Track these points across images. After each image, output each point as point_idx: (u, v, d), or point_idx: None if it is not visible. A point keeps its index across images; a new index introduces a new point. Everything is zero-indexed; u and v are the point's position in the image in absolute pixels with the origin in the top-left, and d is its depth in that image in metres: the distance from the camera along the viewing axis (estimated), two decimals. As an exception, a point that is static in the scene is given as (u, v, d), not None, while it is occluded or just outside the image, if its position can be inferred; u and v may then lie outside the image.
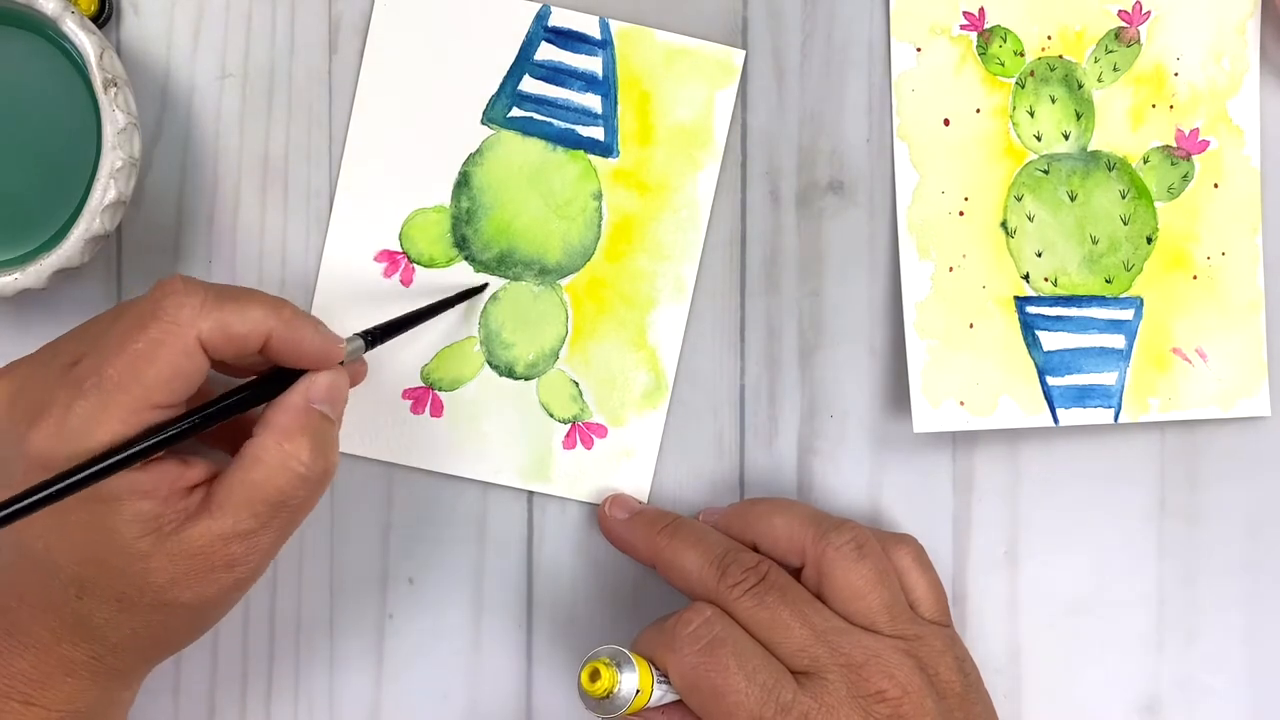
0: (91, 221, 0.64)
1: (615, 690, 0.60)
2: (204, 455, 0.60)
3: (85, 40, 0.63)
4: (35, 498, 0.53)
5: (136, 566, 0.57)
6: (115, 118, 0.63)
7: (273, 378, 0.60)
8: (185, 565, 0.57)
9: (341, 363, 0.61)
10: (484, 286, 0.70)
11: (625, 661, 0.61)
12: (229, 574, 0.58)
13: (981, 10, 0.70)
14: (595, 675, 0.60)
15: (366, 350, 0.63)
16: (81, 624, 0.58)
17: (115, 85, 0.63)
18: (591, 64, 0.70)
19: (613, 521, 0.69)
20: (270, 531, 0.59)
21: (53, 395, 0.56)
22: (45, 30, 0.64)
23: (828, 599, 0.65)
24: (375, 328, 0.64)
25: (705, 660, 0.61)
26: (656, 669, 0.62)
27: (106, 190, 0.63)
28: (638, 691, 0.60)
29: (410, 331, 0.69)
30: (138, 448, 0.56)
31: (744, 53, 0.70)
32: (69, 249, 0.64)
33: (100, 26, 0.67)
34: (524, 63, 0.70)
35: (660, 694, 0.62)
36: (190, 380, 0.57)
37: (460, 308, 0.70)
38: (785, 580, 0.64)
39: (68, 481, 0.54)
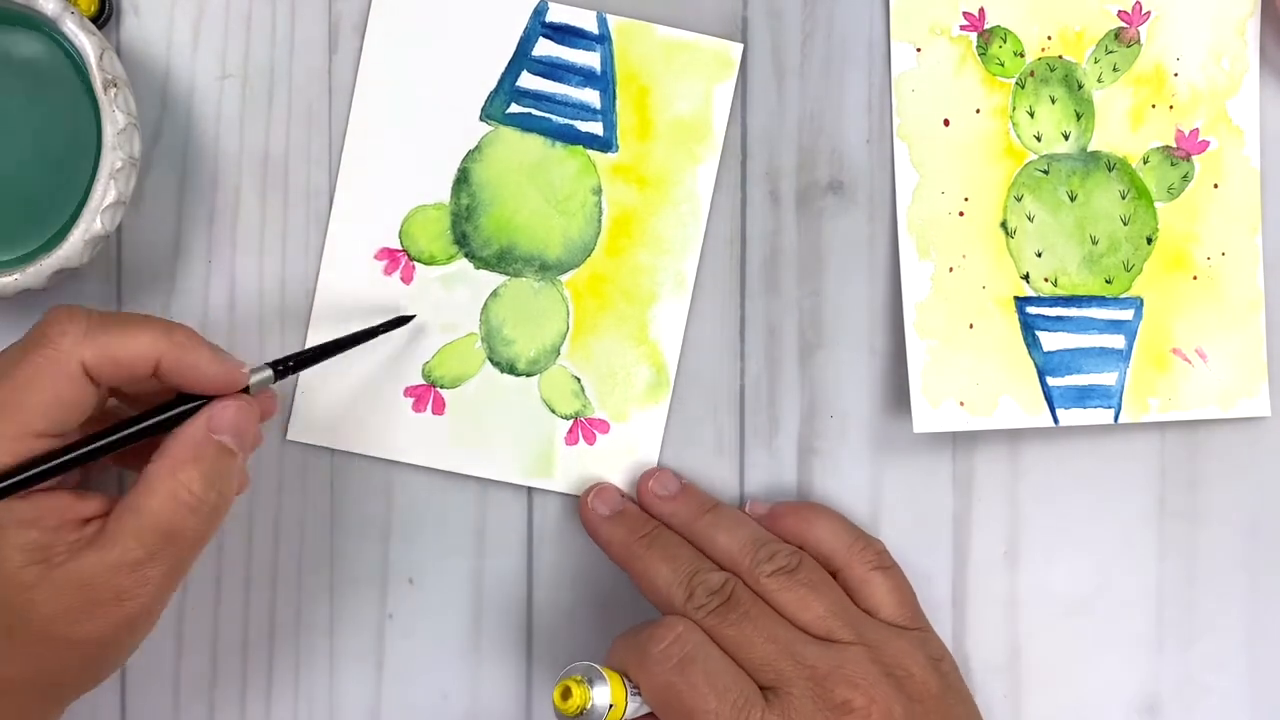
0: (91, 221, 0.64)
1: (588, 707, 0.60)
2: (103, 489, 0.60)
3: (85, 40, 0.63)
4: None
5: (21, 598, 0.56)
6: (115, 118, 0.63)
7: (179, 405, 0.60)
8: (72, 597, 0.56)
9: (249, 390, 0.61)
10: (411, 317, 0.69)
11: (597, 677, 0.61)
12: (118, 608, 0.57)
13: (981, 10, 0.70)
14: (567, 693, 0.60)
15: (276, 380, 0.62)
16: None
17: (115, 85, 0.64)
18: (590, 59, 0.70)
19: (593, 516, 0.69)
20: (159, 563, 0.57)
21: None
22: (45, 30, 0.64)
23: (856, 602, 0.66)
24: (288, 357, 0.63)
25: (676, 679, 0.61)
26: (629, 681, 0.62)
27: (106, 190, 0.63)
28: (611, 706, 0.61)
29: (410, 330, 0.69)
30: (14, 480, 0.55)
31: (742, 46, 0.70)
32: (69, 249, 0.64)
33: (100, 27, 0.67)
34: (522, 58, 0.70)
35: (634, 706, 0.62)
36: (74, 409, 0.57)
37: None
38: (749, 599, 0.64)
39: None
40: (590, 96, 0.70)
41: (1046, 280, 0.71)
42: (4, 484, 0.55)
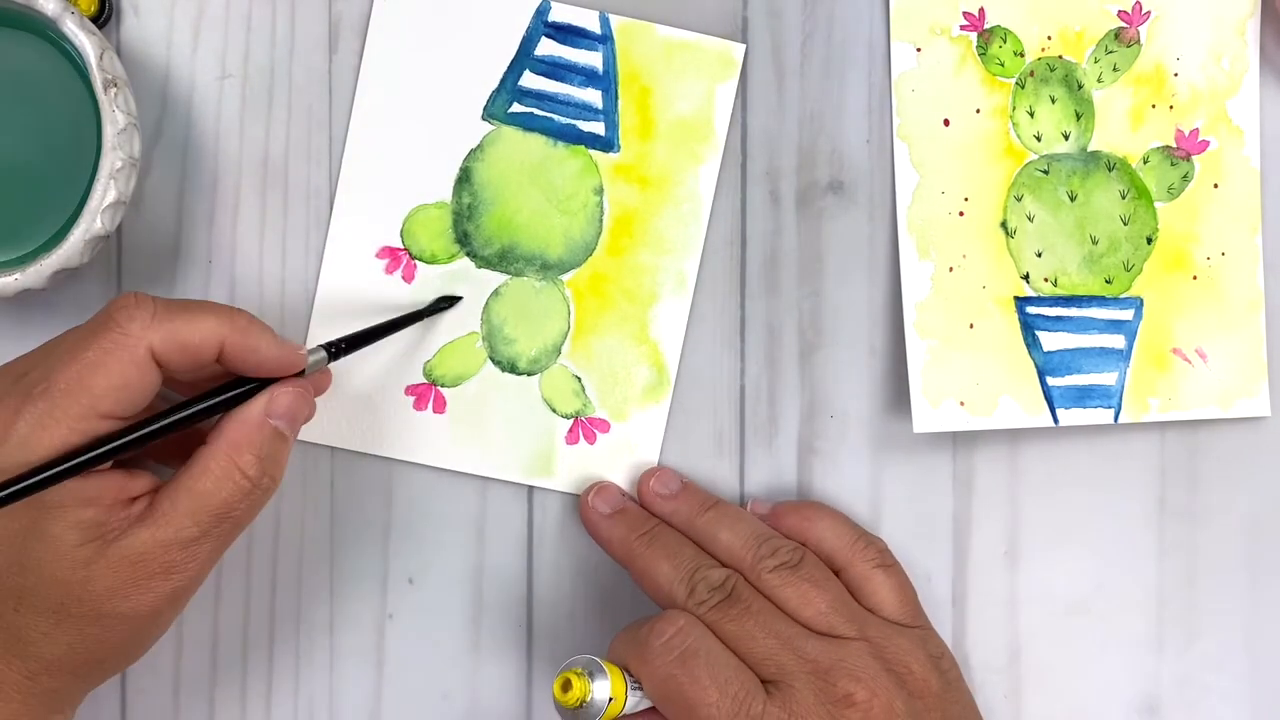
0: (91, 221, 0.63)
1: (588, 700, 0.60)
2: (149, 469, 0.61)
3: (85, 41, 0.63)
4: None
5: (77, 575, 0.57)
6: (115, 118, 0.63)
7: (231, 389, 0.61)
8: (125, 573, 0.57)
9: (303, 373, 0.62)
10: (458, 299, 0.70)
11: (598, 670, 0.61)
12: (166, 581, 0.58)
13: (981, 10, 0.70)
14: (567, 686, 0.60)
15: (330, 361, 0.64)
16: (16, 639, 0.58)
17: (115, 85, 0.63)
18: (592, 59, 0.70)
19: (594, 514, 0.69)
20: (210, 540, 0.59)
21: (2, 404, 0.57)
22: (45, 30, 0.64)
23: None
24: (340, 339, 0.65)
25: (678, 672, 0.61)
26: (630, 676, 0.62)
27: (106, 190, 0.63)
28: (611, 700, 0.61)
29: (410, 330, 0.69)
30: (84, 457, 0.56)
31: (744, 46, 0.70)
32: (69, 249, 0.64)
33: (100, 27, 0.67)
34: (524, 58, 0.70)
35: (635, 700, 0.62)
36: (140, 392, 0.58)
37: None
38: (751, 594, 0.64)
39: (11, 490, 0.54)
40: (592, 96, 0.70)
41: (1046, 280, 0.71)
42: (74, 462, 0.56)
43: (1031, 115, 0.71)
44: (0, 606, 0.58)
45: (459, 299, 0.70)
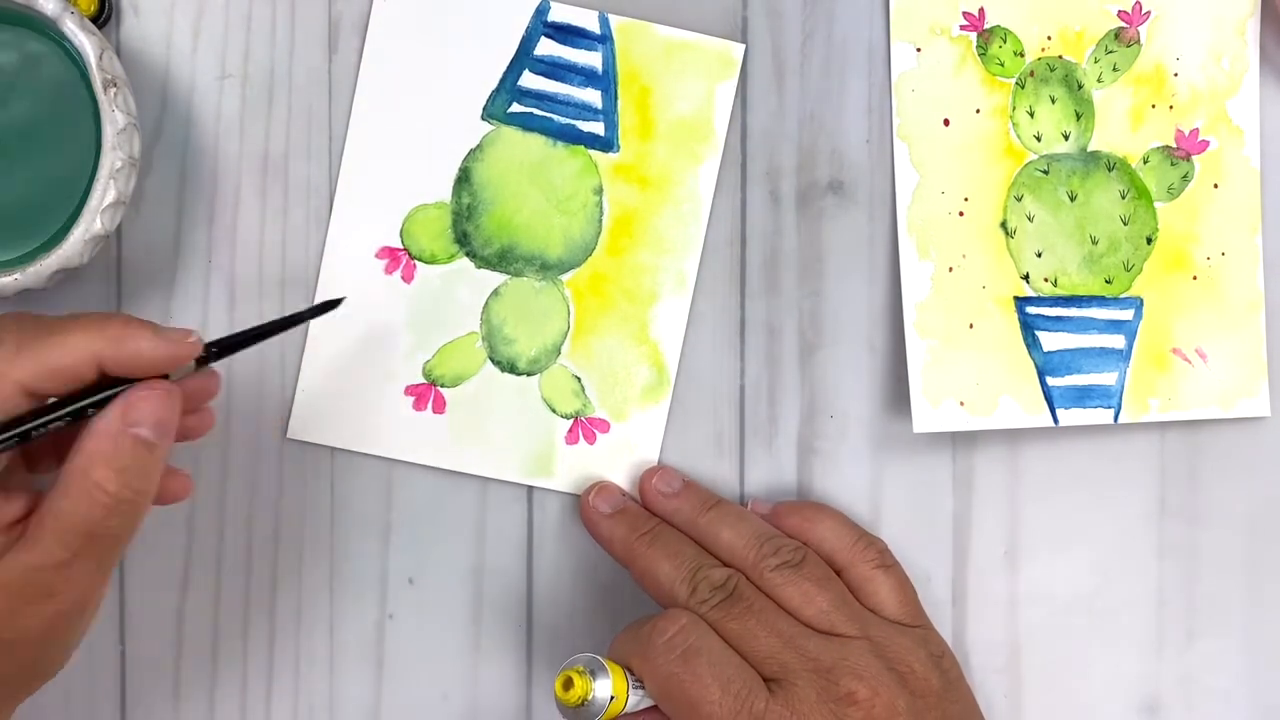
0: (91, 221, 0.63)
1: (589, 698, 0.60)
2: (27, 489, 0.57)
3: (85, 40, 0.63)
4: None
5: None
6: (115, 118, 0.63)
7: (93, 392, 0.56)
8: (3, 601, 0.54)
9: (167, 376, 0.57)
10: (339, 301, 0.63)
11: (599, 669, 0.61)
12: (49, 604, 0.55)
13: (981, 10, 0.70)
14: (568, 684, 0.60)
15: (205, 364, 0.58)
16: None
17: (115, 85, 0.63)
18: (591, 59, 0.70)
19: (594, 514, 0.69)
20: (86, 561, 0.55)
21: None
22: (45, 30, 0.64)
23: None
24: (215, 341, 0.59)
25: (680, 670, 0.61)
26: (632, 674, 0.62)
27: (106, 190, 0.63)
28: (612, 698, 0.61)
29: (411, 329, 0.69)
30: None
31: (744, 46, 0.70)
32: (69, 249, 0.64)
33: (100, 27, 0.67)
34: (524, 58, 0.70)
35: (636, 699, 0.62)
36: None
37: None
38: (752, 593, 0.64)
39: None
40: (592, 96, 0.70)
41: (1046, 280, 0.71)
42: None
43: (1031, 115, 0.71)
44: None
45: (341, 300, 0.63)
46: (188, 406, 0.59)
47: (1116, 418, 0.71)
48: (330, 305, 0.62)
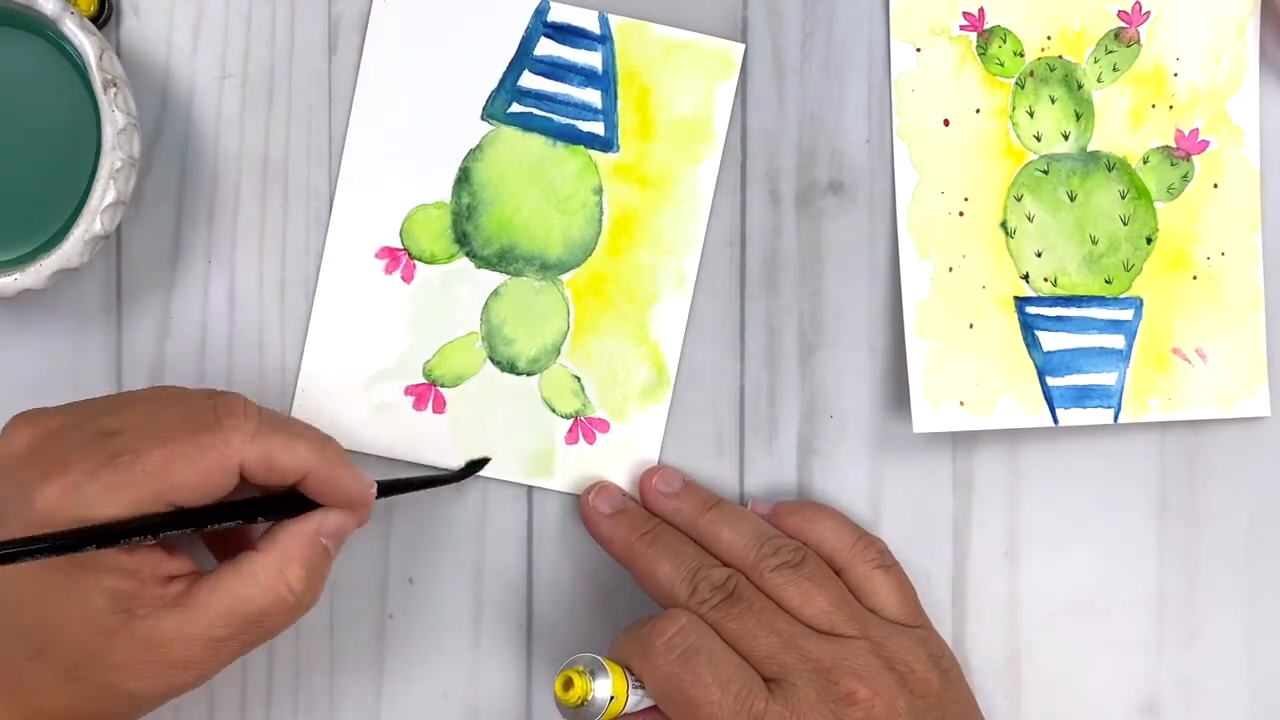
0: (91, 222, 0.63)
1: (589, 698, 0.60)
2: (187, 550, 0.61)
3: (85, 40, 0.63)
4: (29, 548, 0.54)
5: (98, 642, 0.57)
6: (115, 118, 0.63)
7: (284, 499, 0.61)
8: (144, 654, 0.57)
9: None
10: (486, 461, 0.70)
11: (599, 669, 0.61)
12: (184, 673, 0.58)
13: (981, 10, 0.70)
14: (568, 684, 0.60)
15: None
16: (21, 685, 0.58)
17: (115, 85, 0.63)
18: (591, 59, 0.70)
19: (595, 514, 0.69)
20: (236, 643, 0.59)
21: (80, 456, 0.57)
22: (45, 30, 0.64)
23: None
24: (388, 481, 0.66)
25: (680, 670, 0.61)
26: (632, 674, 0.62)
27: (106, 190, 0.63)
28: (612, 698, 0.61)
29: (410, 329, 0.69)
30: (135, 528, 0.56)
31: (743, 46, 0.70)
32: (69, 249, 0.64)
33: (100, 27, 0.67)
34: (523, 58, 0.70)
35: (636, 699, 0.62)
36: (215, 494, 0.59)
37: (471, 307, 0.70)
38: (752, 593, 0.64)
39: (62, 541, 0.54)
40: (591, 96, 0.70)
41: (1046, 280, 0.71)
42: (119, 531, 0.56)
43: (1031, 115, 0.71)
44: (17, 652, 0.58)
45: (486, 461, 0.70)
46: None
47: (1116, 418, 0.71)
48: (480, 464, 0.70)
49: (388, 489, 0.66)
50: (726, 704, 0.60)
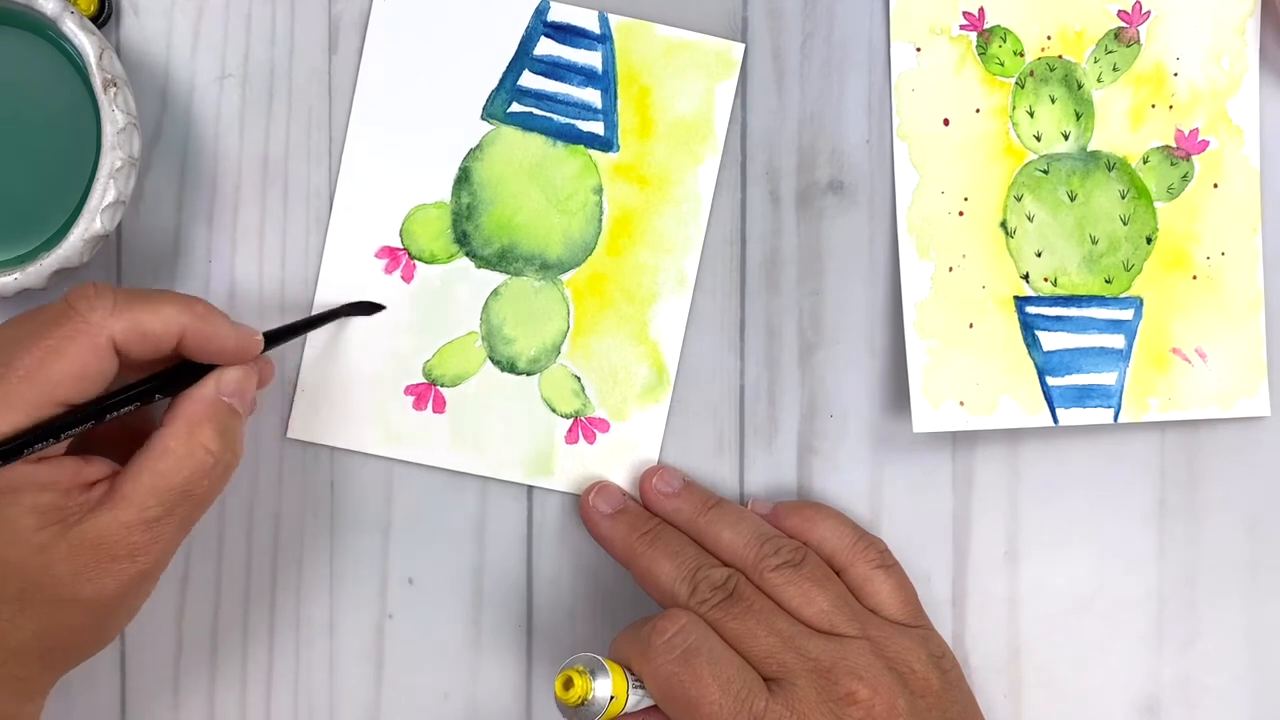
0: (91, 221, 0.63)
1: (589, 698, 0.60)
2: (103, 456, 0.60)
3: (85, 40, 0.63)
4: None
5: (36, 560, 0.57)
6: (115, 118, 0.63)
7: (176, 373, 0.61)
8: (87, 557, 0.57)
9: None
10: (381, 307, 0.70)
11: (599, 669, 0.61)
12: (131, 564, 0.58)
13: (981, 10, 0.70)
14: (569, 684, 0.60)
15: (265, 349, 0.64)
16: None
17: (115, 85, 0.63)
18: (591, 58, 0.70)
19: (595, 514, 0.69)
20: (173, 520, 0.59)
21: None
22: (45, 30, 0.64)
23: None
24: (275, 329, 0.65)
25: (680, 670, 0.61)
26: (632, 674, 0.62)
27: (106, 190, 0.63)
28: (612, 698, 0.61)
29: (410, 329, 0.69)
30: (34, 434, 0.56)
31: (743, 46, 0.70)
32: (69, 249, 0.64)
33: (100, 26, 0.68)
34: (523, 58, 0.70)
35: (636, 699, 0.62)
36: (97, 380, 0.58)
37: (466, 307, 0.70)
38: (752, 593, 0.64)
39: None
40: (591, 96, 0.70)
41: (1046, 280, 0.71)
42: (19, 442, 0.56)
43: (1031, 115, 0.71)
44: None
45: (383, 308, 0.70)
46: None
47: (1116, 417, 0.71)
48: (374, 308, 0.69)
49: (275, 336, 0.65)
50: (726, 703, 0.60)
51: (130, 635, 0.70)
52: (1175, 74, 0.71)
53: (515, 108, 0.70)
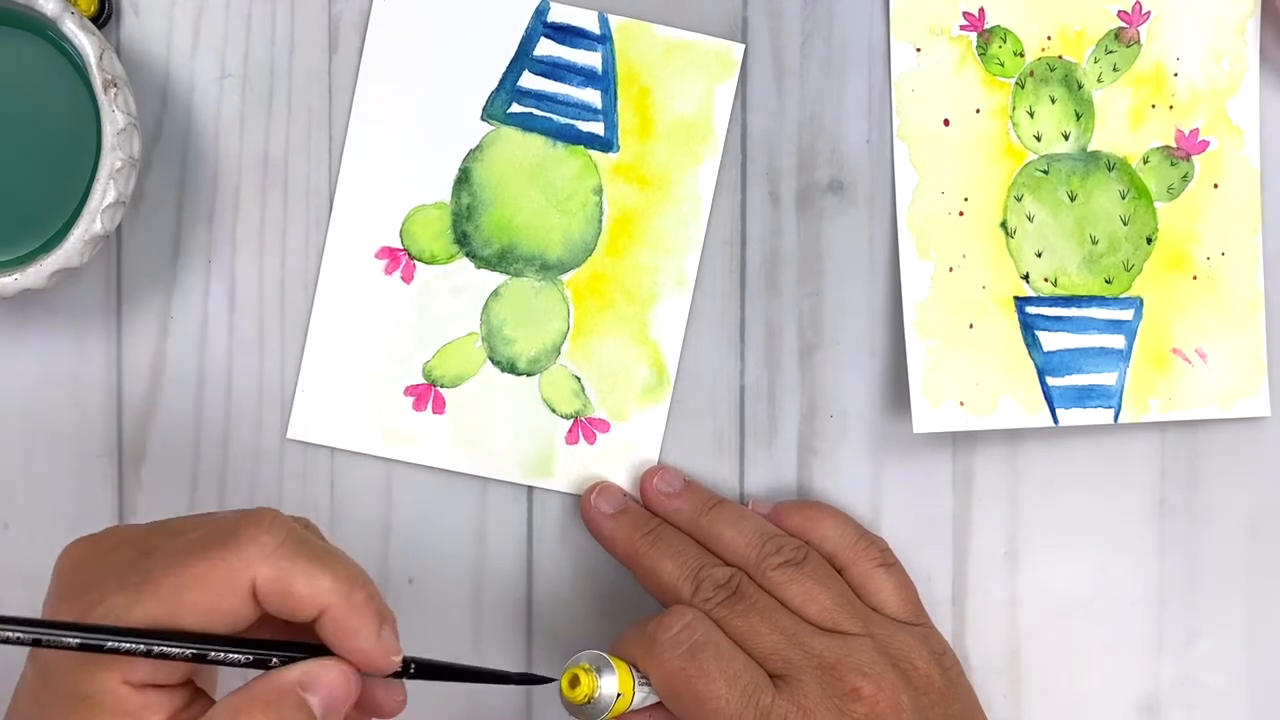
0: (91, 222, 0.63)
1: (596, 696, 0.60)
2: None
3: (85, 40, 0.63)
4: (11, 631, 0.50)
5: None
6: (115, 118, 0.63)
7: (307, 646, 0.54)
8: None
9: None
10: (550, 680, 0.61)
11: (605, 666, 0.61)
12: None
13: (981, 10, 0.70)
14: (575, 681, 0.60)
15: (403, 676, 0.56)
16: None
17: (115, 85, 0.63)
18: (591, 59, 0.70)
19: (596, 514, 0.69)
20: None
21: (108, 574, 0.53)
22: (45, 30, 0.64)
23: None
24: (425, 661, 0.57)
25: (686, 665, 0.61)
26: (638, 671, 0.62)
27: (106, 190, 0.63)
28: (619, 695, 0.60)
29: (410, 329, 0.69)
30: (123, 633, 0.51)
31: (743, 46, 0.70)
32: (69, 249, 0.64)
33: (100, 27, 0.67)
34: (523, 58, 0.70)
35: (642, 696, 0.62)
36: (230, 620, 0.52)
37: (467, 305, 0.70)
38: (756, 591, 0.65)
39: (38, 626, 0.50)
40: (591, 96, 0.70)
41: (1046, 280, 0.71)
42: (100, 631, 0.51)
43: (1031, 115, 0.71)
44: None
45: (551, 680, 0.61)
46: (367, 706, 0.56)
47: (1116, 418, 0.71)
48: (540, 680, 0.61)
49: (427, 670, 0.56)
50: (733, 699, 0.61)
51: (130, 635, 0.70)
52: (1175, 74, 0.71)
53: (515, 108, 0.70)
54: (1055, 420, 0.70)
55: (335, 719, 0.53)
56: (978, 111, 0.71)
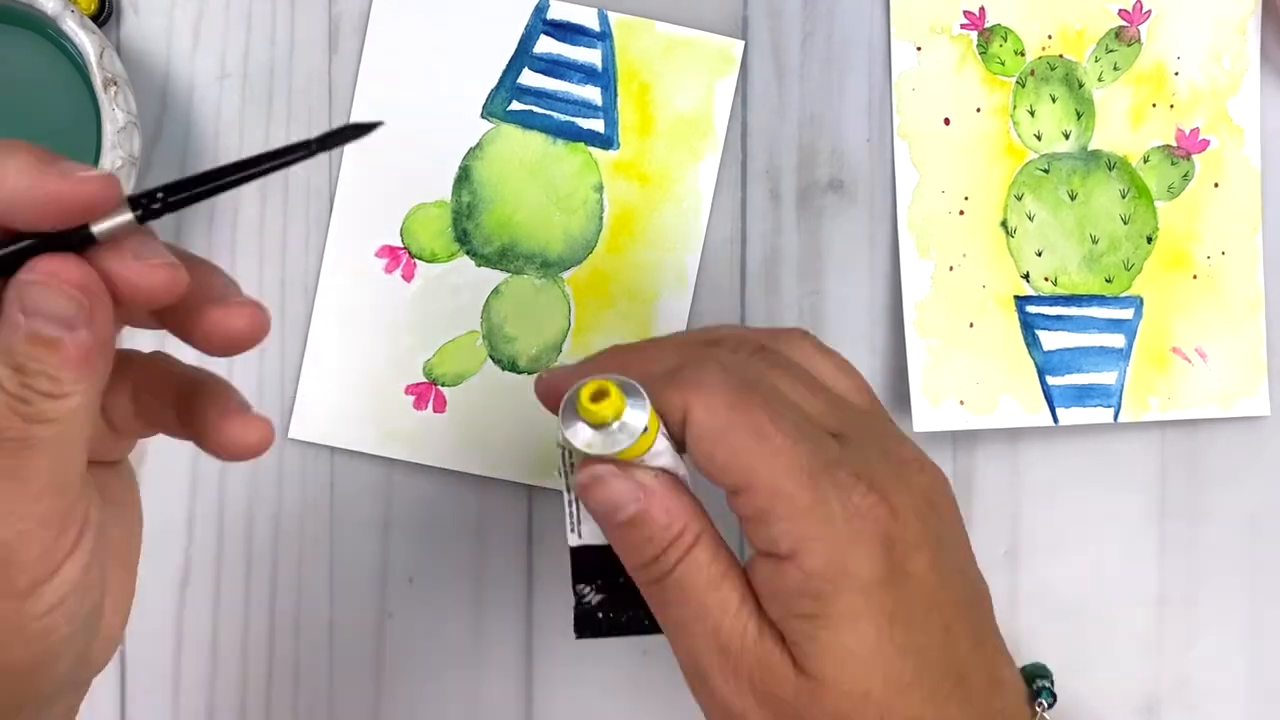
0: (91, 221, 0.63)
1: (620, 421, 0.48)
2: None
3: (85, 39, 0.63)
4: None
5: None
6: (115, 117, 0.63)
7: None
8: None
9: (94, 237, 0.42)
10: (377, 124, 0.44)
11: (635, 393, 0.48)
12: None
13: (982, 9, 0.70)
14: (601, 394, 0.47)
15: (142, 221, 0.42)
16: None
17: (115, 85, 0.63)
18: (591, 56, 0.70)
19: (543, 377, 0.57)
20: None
21: None
22: (45, 30, 0.64)
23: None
24: (159, 187, 0.43)
25: (743, 398, 0.50)
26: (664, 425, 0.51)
27: (106, 189, 0.63)
28: (645, 431, 0.48)
29: (411, 328, 0.69)
30: None
31: (743, 43, 0.70)
32: (69, 248, 0.64)
33: (100, 26, 0.67)
34: (523, 56, 0.70)
35: (661, 447, 0.50)
36: None
37: (466, 292, 0.70)
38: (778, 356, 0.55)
39: None
40: (591, 93, 0.70)
41: (1046, 279, 0.71)
42: None
43: (1032, 114, 0.71)
44: None
45: (377, 124, 0.44)
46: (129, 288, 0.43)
47: (1116, 417, 0.71)
48: (363, 129, 0.44)
49: (177, 189, 0.43)
50: (800, 439, 0.50)
51: (130, 635, 0.70)
52: (1176, 73, 0.71)
53: (515, 106, 0.70)
54: (1055, 419, 0.70)
55: (94, 328, 0.41)
56: (978, 110, 0.71)
